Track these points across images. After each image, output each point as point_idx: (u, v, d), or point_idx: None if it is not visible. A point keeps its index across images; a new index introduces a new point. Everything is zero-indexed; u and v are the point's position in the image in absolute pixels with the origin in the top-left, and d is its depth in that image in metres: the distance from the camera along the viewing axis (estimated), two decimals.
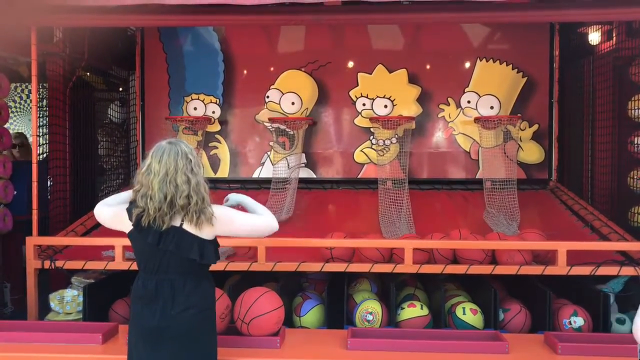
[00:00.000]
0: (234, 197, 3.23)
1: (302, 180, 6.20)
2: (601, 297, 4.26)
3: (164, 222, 2.75)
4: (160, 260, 2.81)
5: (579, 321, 4.24)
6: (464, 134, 6.44)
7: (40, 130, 5.81)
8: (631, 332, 3.08)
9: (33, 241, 4.58)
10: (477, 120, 6.12)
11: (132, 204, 2.85)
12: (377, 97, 6.46)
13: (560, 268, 4.32)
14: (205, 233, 2.83)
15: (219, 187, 6.33)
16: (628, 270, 4.37)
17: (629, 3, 3.95)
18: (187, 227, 2.79)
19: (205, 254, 2.83)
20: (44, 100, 6.12)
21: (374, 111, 6.44)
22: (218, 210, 2.88)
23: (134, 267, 4.42)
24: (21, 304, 5.03)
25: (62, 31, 5.88)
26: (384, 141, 6.24)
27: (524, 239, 4.75)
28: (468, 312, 4.31)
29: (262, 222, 3.03)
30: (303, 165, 6.43)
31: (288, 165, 6.09)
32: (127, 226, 2.88)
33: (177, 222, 2.79)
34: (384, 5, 4.14)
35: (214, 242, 2.92)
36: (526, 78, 6.40)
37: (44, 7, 4.15)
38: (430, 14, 4.56)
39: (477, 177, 6.33)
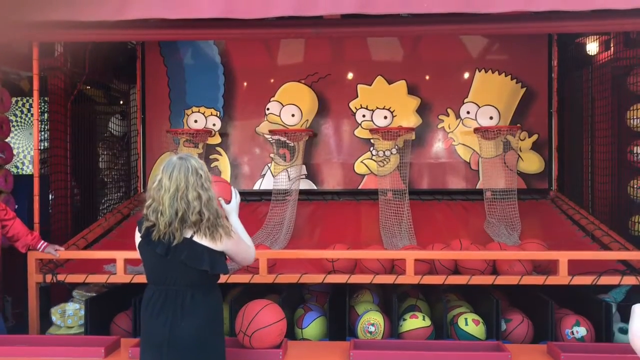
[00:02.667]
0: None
1: (302, 192, 6.21)
2: (603, 307, 4.26)
3: (174, 237, 2.77)
4: (169, 272, 2.83)
5: (581, 331, 4.24)
6: (463, 144, 6.46)
7: (42, 144, 5.82)
8: None
9: (34, 255, 4.58)
10: (476, 130, 6.14)
11: (143, 217, 2.88)
12: (377, 108, 6.49)
13: (561, 278, 4.32)
14: (220, 246, 2.85)
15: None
16: (630, 280, 4.37)
17: (626, 14, 3.98)
18: (197, 239, 2.81)
19: (216, 265, 2.86)
20: (45, 114, 6.14)
21: (373, 122, 6.47)
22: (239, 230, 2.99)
23: (136, 280, 4.43)
24: (22, 318, 5.02)
25: (63, 46, 5.92)
26: (384, 152, 6.26)
27: (525, 249, 4.75)
28: (470, 323, 4.30)
29: (252, 254, 3.10)
30: (304, 176, 6.45)
31: (289, 176, 6.10)
32: (138, 238, 2.92)
33: (187, 235, 2.80)
34: (384, 18, 4.17)
35: (223, 254, 2.94)
36: (525, 88, 6.43)
37: (45, 23, 4.17)
38: (429, 26, 4.59)
39: (477, 188, 6.35)
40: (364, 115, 6.51)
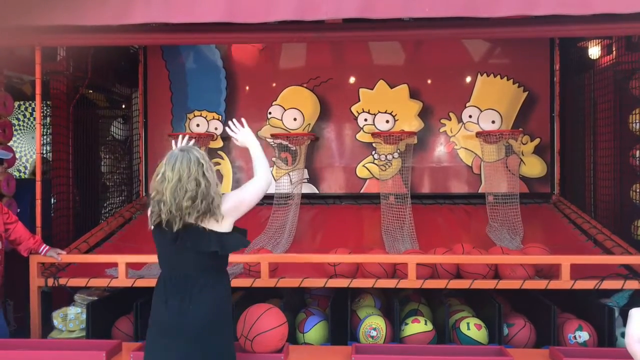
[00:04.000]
0: (243, 137, 3.21)
1: (304, 196, 6.22)
2: (606, 311, 4.25)
3: (175, 223, 2.83)
4: (179, 257, 2.91)
5: (584, 336, 4.22)
6: (465, 148, 6.46)
7: (44, 148, 5.83)
8: None
9: (36, 259, 4.58)
10: (478, 134, 6.13)
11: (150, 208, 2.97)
12: (379, 112, 6.50)
13: (564, 282, 4.31)
14: (222, 227, 2.92)
15: None
16: (632, 284, 4.35)
17: (627, 18, 3.97)
18: (201, 224, 2.88)
19: (225, 245, 2.93)
20: (48, 118, 6.15)
21: (375, 126, 6.47)
22: (225, 204, 2.94)
23: (137, 284, 4.44)
24: (24, 322, 5.02)
25: (66, 50, 5.94)
26: (386, 156, 6.26)
27: (527, 253, 4.74)
28: (472, 327, 4.29)
29: (263, 184, 3.07)
30: (305, 180, 6.45)
31: (290, 180, 6.10)
32: (150, 227, 3.00)
33: (192, 220, 2.86)
34: (385, 22, 4.18)
35: (232, 233, 2.99)
36: (527, 92, 6.43)
37: (48, 27, 4.18)
38: (431, 30, 4.59)
39: (479, 192, 6.34)
40: (365, 119, 6.51)
